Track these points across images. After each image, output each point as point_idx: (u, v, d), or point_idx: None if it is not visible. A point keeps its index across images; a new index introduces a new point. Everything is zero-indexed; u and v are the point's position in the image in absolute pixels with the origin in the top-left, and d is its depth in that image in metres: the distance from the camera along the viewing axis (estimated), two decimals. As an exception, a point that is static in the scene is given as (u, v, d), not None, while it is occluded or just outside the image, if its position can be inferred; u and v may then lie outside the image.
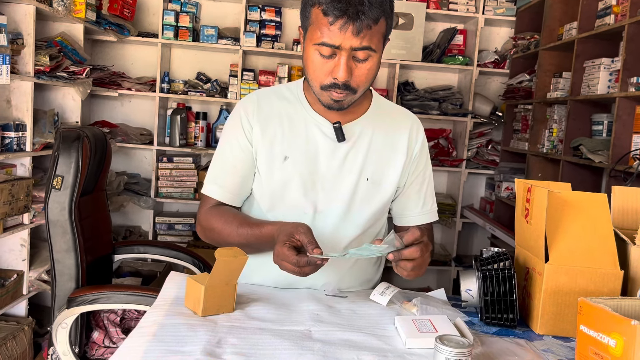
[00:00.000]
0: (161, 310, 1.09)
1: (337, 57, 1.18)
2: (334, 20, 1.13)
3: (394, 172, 1.37)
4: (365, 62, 1.20)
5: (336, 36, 1.15)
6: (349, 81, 1.20)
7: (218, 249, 1.08)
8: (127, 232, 3.58)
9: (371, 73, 1.23)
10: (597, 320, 0.89)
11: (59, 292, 1.84)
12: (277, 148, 1.33)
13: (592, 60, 2.63)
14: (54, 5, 2.64)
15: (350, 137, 1.33)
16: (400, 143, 1.39)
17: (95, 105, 3.65)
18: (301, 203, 1.32)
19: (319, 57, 1.20)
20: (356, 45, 1.16)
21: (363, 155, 1.34)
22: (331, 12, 1.13)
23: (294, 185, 1.32)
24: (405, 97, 3.65)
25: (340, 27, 1.14)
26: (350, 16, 1.12)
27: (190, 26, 3.47)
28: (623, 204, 1.33)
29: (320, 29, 1.16)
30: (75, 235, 1.83)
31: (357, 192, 1.34)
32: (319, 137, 1.33)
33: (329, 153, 1.33)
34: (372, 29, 1.15)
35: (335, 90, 1.21)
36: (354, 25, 1.13)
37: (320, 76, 1.22)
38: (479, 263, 1.17)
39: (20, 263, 2.57)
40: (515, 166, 3.53)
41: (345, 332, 1.04)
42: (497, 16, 3.59)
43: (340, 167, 1.33)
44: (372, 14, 1.13)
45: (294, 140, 1.33)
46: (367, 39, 1.16)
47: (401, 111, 1.46)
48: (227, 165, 1.35)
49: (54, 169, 1.81)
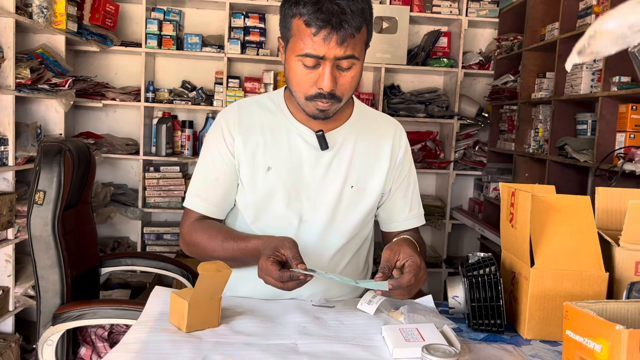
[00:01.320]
0: (145, 327, 1.07)
1: (321, 67, 1.18)
2: (317, 31, 1.13)
3: (378, 178, 1.37)
4: (349, 70, 1.20)
5: (320, 47, 1.15)
6: (334, 90, 1.20)
7: (201, 264, 1.06)
8: (115, 243, 3.54)
9: (355, 81, 1.23)
10: (582, 325, 0.89)
11: (44, 309, 1.81)
12: (259, 159, 1.31)
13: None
14: (34, 17, 2.61)
15: (333, 145, 1.33)
16: (384, 149, 1.38)
17: (79, 116, 3.62)
18: (286, 214, 1.31)
19: (302, 68, 1.19)
20: (340, 55, 1.16)
21: (347, 162, 1.33)
22: (314, 22, 1.13)
23: (278, 195, 1.31)
24: (392, 100, 3.65)
25: (324, 38, 1.13)
26: (333, 26, 1.12)
27: (173, 34, 3.45)
28: (607, 205, 1.33)
29: (303, 40, 1.16)
30: (59, 250, 1.81)
31: (342, 200, 1.33)
32: (302, 146, 1.32)
33: (312, 162, 1.32)
34: (355, 37, 1.16)
35: (320, 100, 1.21)
36: (338, 35, 1.13)
37: (304, 87, 1.21)
38: (465, 269, 1.17)
39: (6, 279, 2.54)
40: (503, 167, 3.54)
41: (331, 344, 1.03)
42: (480, 18, 3.60)
43: (324, 176, 1.32)
44: (354, 22, 1.14)
45: (276, 150, 1.32)
46: (351, 47, 1.16)
47: (384, 118, 1.45)
48: (210, 177, 1.34)
49: (36, 183, 1.79)
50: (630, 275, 1.15)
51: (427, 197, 3.84)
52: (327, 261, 1.33)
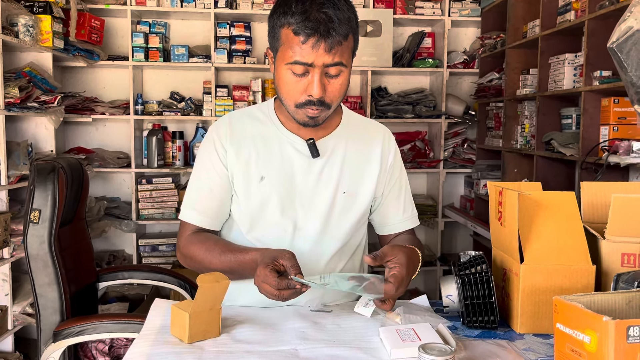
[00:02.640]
0: (147, 340, 1.09)
1: (310, 74, 1.21)
2: (306, 38, 1.17)
3: (369, 183, 1.40)
4: (337, 77, 1.24)
5: (308, 54, 1.18)
6: (323, 97, 1.23)
7: (200, 275, 1.09)
8: (110, 256, 3.55)
9: (343, 88, 1.27)
10: (571, 318, 0.92)
11: (44, 326, 1.83)
12: (252, 169, 1.34)
13: (557, 56, 2.70)
14: (20, 36, 2.62)
15: (324, 152, 1.36)
16: (374, 154, 1.42)
17: (69, 131, 3.63)
18: (280, 222, 1.34)
19: (292, 76, 1.23)
20: (328, 62, 1.19)
21: (338, 169, 1.36)
22: (302, 31, 1.17)
23: (272, 204, 1.33)
24: (379, 102, 3.69)
25: (312, 45, 1.17)
26: (321, 34, 1.16)
27: (160, 47, 3.47)
28: (592, 199, 1.37)
29: (292, 48, 1.19)
30: (57, 267, 1.82)
31: (335, 205, 1.36)
32: (293, 155, 1.35)
33: (304, 170, 1.35)
34: (342, 45, 1.20)
35: (310, 107, 1.24)
36: (326, 42, 1.17)
37: (294, 95, 1.25)
38: (457, 268, 1.20)
39: (3, 298, 2.54)
40: (492, 163, 3.59)
41: (331, 348, 1.06)
42: (463, 17, 3.65)
43: (316, 183, 1.35)
44: (341, 30, 1.18)
45: (269, 160, 1.34)
46: (339, 54, 1.20)
47: (372, 123, 1.49)
48: (204, 190, 1.36)
49: (31, 202, 1.80)
50: (617, 267, 1.19)
51: (418, 196, 3.88)
52: (323, 267, 1.36)
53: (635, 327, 0.85)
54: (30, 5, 2.76)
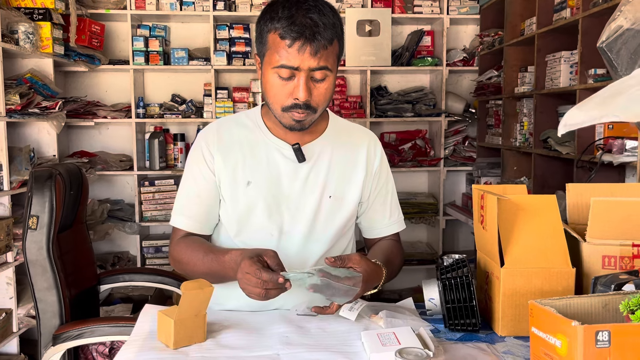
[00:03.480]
0: (134, 346, 1.12)
1: (296, 78, 1.24)
2: (292, 42, 1.20)
3: (355, 187, 1.42)
4: (322, 81, 1.26)
5: (294, 58, 1.21)
6: (309, 101, 1.26)
7: (184, 283, 1.12)
8: (115, 258, 3.60)
9: (329, 92, 1.29)
10: (544, 322, 0.94)
11: (44, 330, 1.86)
12: (239, 174, 1.37)
13: (553, 54, 2.69)
14: (21, 43, 2.66)
15: (310, 157, 1.38)
16: (359, 159, 1.44)
17: (72, 135, 3.67)
18: (267, 226, 1.37)
19: (278, 80, 1.26)
20: (314, 66, 1.22)
21: (324, 173, 1.39)
22: (288, 35, 1.20)
23: (259, 209, 1.36)
24: (379, 101, 3.70)
25: (298, 49, 1.20)
26: (307, 38, 1.19)
27: (160, 50, 3.50)
28: (577, 200, 1.38)
29: (279, 52, 1.22)
30: (55, 272, 1.85)
31: (321, 210, 1.38)
32: (279, 160, 1.37)
33: (290, 174, 1.37)
34: (327, 49, 1.23)
35: (296, 111, 1.27)
36: (311, 46, 1.20)
37: (281, 98, 1.27)
38: (439, 272, 1.21)
39: (8, 301, 2.59)
40: (493, 161, 3.58)
41: (312, 353, 1.08)
42: (462, 15, 3.65)
43: (302, 187, 1.37)
44: (326, 35, 1.22)
45: (255, 165, 1.37)
46: (324, 59, 1.23)
47: (358, 129, 1.51)
48: (192, 195, 1.40)
49: (29, 209, 1.84)
50: (597, 269, 1.20)
51: (419, 194, 3.89)
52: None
53: (604, 331, 0.86)
54: (30, 13, 2.80)
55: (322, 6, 1.24)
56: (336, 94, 3.74)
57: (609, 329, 0.86)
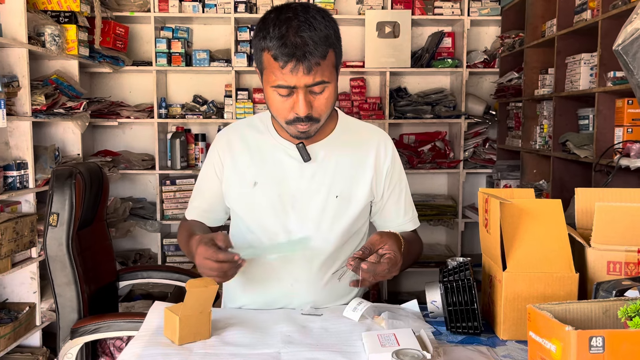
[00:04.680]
0: (141, 341, 1.16)
1: (294, 94, 1.26)
2: (284, 64, 1.22)
3: (363, 188, 1.43)
4: (322, 93, 1.28)
5: (289, 78, 1.23)
6: (310, 114, 1.28)
7: (189, 280, 1.15)
8: (136, 255, 3.68)
9: (330, 101, 1.31)
10: (541, 326, 0.94)
11: (63, 324, 1.92)
12: (247, 176, 1.42)
13: (573, 56, 2.66)
14: (47, 45, 2.75)
15: (316, 156, 1.40)
16: (368, 159, 1.44)
17: (97, 135, 3.77)
18: (273, 225, 1.40)
19: (278, 97, 1.28)
20: (310, 83, 1.24)
21: (331, 173, 1.41)
22: (280, 56, 1.21)
23: (265, 208, 1.40)
24: (398, 103, 3.70)
25: (291, 70, 1.22)
26: (299, 58, 1.20)
27: (182, 51, 3.56)
28: (586, 206, 1.37)
29: (274, 72, 1.24)
30: (74, 268, 1.91)
31: (327, 209, 1.40)
32: (285, 160, 1.41)
33: (296, 174, 1.40)
34: (321, 64, 1.23)
35: (299, 124, 1.30)
36: (304, 65, 1.21)
37: (283, 113, 1.30)
38: (442, 274, 1.22)
39: (32, 295, 2.67)
40: (513, 163, 3.55)
41: (313, 352, 1.10)
42: (483, 17, 3.62)
43: (308, 187, 1.40)
44: (318, 52, 1.22)
45: (262, 166, 1.41)
46: (319, 74, 1.24)
47: (368, 129, 1.51)
48: (198, 192, 1.54)
49: (50, 206, 1.90)
50: (602, 275, 1.19)
51: (438, 196, 3.88)
52: (316, 270, 1.40)
53: (597, 337, 0.86)
54: (56, 16, 2.89)
55: (314, 19, 1.24)
56: (355, 95, 3.75)
57: (603, 334, 0.85)
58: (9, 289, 2.68)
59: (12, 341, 2.47)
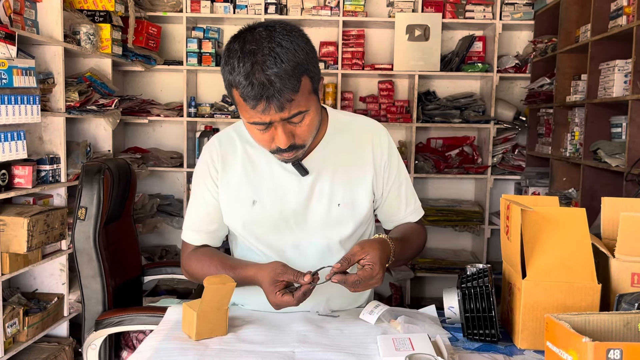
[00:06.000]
0: (160, 335, 1.18)
1: (273, 127, 1.19)
2: (254, 105, 1.14)
3: (364, 190, 1.38)
4: (302, 122, 1.21)
5: (263, 116, 1.16)
6: (293, 142, 1.22)
7: (207, 277, 1.16)
8: (163, 251, 3.74)
9: (312, 126, 1.24)
10: (558, 337, 0.92)
11: (88, 315, 1.97)
12: (243, 193, 1.36)
13: (607, 62, 2.60)
14: (82, 43, 2.82)
15: (313, 168, 1.35)
16: (365, 158, 1.39)
17: (128, 132, 3.85)
18: (277, 243, 1.36)
19: (257, 131, 1.22)
20: (285, 117, 1.17)
21: (330, 182, 1.36)
22: (248, 99, 1.14)
23: (266, 227, 1.36)
24: (427, 106, 3.68)
25: (262, 110, 1.14)
26: (268, 99, 1.12)
27: (213, 52, 3.61)
28: (613, 216, 1.34)
29: (247, 111, 1.17)
30: (100, 261, 1.95)
31: (330, 219, 1.36)
32: (282, 175, 1.36)
33: (295, 189, 1.35)
34: (295, 97, 1.15)
35: (284, 153, 1.24)
36: (274, 105, 1.13)
37: (265, 144, 1.25)
38: (460, 280, 1.21)
39: (60, 287, 2.75)
40: (542, 170, 3.49)
41: (327, 353, 1.10)
42: (515, 21, 3.57)
43: (308, 200, 1.35)
44: (288, 88, 1.13)
45: (259, 183, 1.36)
46: (294, 106, 1.16)
47: (360, 122, 1.45)
48: (202, 213, 1.41)
49: (78, 200, 1.95)
50: (626, 287, 1.16)
51: (465, 202, 3.83)
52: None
53: (615, 350, 0.84)
54: (91, 15, 2.97)
55: (279, 46, 1.13)
56: (383, 98, 3.74)
57: (621, 347, 0.84)
58: (39, 279, 2.75)
59: (40, 330, 2.55)
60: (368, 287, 1.20)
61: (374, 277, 1.17)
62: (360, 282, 1.17)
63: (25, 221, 2.32)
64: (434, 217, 3.58)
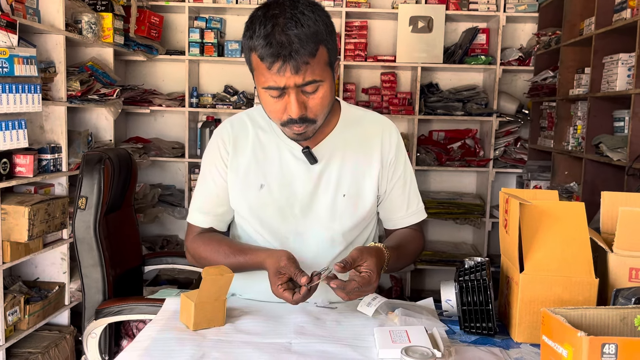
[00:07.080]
0: (157, 325, 1.18)
1: (286, 95, 1.21)
2: (271, 64, 1.15)
3: (370, 183, 1.39)
4: (315, 93, 1.22)
5: (278, 78, 1.17)
6: (304, 114, 1.23)
7: (205, 268, 1.17)
8: (164, 241, 3.75)
9: (325, 101, 1.25)
10: (554, 331, 0.93)
11: (88, 304, 1.98)
12: (252, 177, 1.37)
13: (611, 55, 2.58)
14: (84, 32, 2.81)
15: (322, 156, 1.36)
16: (374, 152, 1.40)
17: (130, 122, 3.85)
18: (281, 229, 1.37)
19: (270, 99, 1.23)
20: (300, 82, 1.18)
21: (337, 172, 1.37)
22: (266, 57, 1.15)
23: (272, 212, 1.36)
24: (429, 98, 3.66)
25: (278, 70, 1.16)
26: (285, 57, 1.14)
27: (215, 42, 3.60)
28: (612, 210, 1.33)
29: (263, 74, 1.19)
30: (101, 251, 1.96)
31: (335, 209, 1.37)
32: (291, 162, 1.37)
33: (303, 176, 1.36)
34: (311, 63, 1.17)
35: (294, 126, 1.25)
36: (291, 65, 1.15)
37: (277, 115, 1.26)
38: (458, 273, 1.21)
39: (62, 275, 2.76)
40: (544, 164, 3.48)
41: (323, 344, 1.11)
42: (519, 13, 3.55)
43: (315, 188, 1.36)
44: (305, 50, 1.15)
45: (268, 168, 1.37)
46: (309, 73, 1.18)
47: (371, 118, 1.46)
48: (212, 195, 1.41)
49: (79, 190, 1.95)
50: (624, 281, 1.16)
51: (466, 195, 3.83)
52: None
53: (610, 344, 0.84)
54: (93, 4, 2.96)
55: (302, 14, 1.16)
56: (385, 90, 3.73)
57: (616, 341, 0.84)
58: (40, 268, 2.77)
59: (41, 319, 2.56)
60: (362, 294, 1.20)
61: (371, 284, 1.17)
62: (358, 289, 1.16)
63: (27, 210, 2.33)
64: (435, 210, 3.58)
